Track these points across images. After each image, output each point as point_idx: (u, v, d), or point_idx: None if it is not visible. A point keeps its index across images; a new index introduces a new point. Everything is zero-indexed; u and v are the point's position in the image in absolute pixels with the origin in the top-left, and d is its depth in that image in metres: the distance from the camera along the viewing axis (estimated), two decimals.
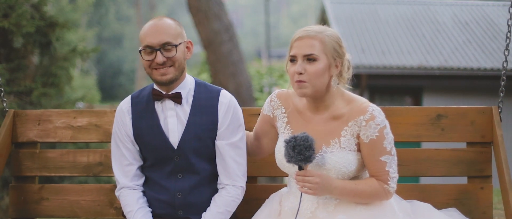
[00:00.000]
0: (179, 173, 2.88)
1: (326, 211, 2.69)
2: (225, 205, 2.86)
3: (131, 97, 2.98)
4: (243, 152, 2.92)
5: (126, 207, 2.90)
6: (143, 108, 2.91)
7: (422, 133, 3.18)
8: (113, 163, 2.96)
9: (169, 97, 2.87)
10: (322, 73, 2.65)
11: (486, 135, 3.15)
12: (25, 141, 3.34)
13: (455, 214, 3.01)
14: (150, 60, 2.81)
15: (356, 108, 2.68)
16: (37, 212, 3.33)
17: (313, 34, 2.66)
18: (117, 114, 2.97)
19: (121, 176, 2.93)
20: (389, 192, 2.69)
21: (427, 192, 3.16)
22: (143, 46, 2.82)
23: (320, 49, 2.65)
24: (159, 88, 2.89)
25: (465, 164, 3.16)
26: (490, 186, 3.16)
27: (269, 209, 2.88)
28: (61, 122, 3.33)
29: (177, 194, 2.87)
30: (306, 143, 2.55)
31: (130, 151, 2.93)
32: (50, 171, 3.33)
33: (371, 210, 2.68)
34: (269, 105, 2.91)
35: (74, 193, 3.32)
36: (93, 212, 3.29)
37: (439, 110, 3.19)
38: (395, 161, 2.70)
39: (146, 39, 2.82)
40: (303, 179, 2.59)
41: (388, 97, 14.29)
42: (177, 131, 2.86)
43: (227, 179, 2.89)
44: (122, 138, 2.92)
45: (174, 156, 2.87)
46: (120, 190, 2.94)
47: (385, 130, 2.66)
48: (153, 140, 2.87)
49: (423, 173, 3.18)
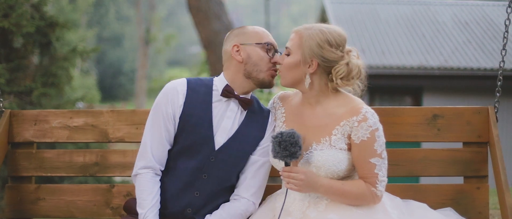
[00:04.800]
0: (205, 174, 2.83)
1: (317, 210, 2.69)
2: (232, 215, 2.83)
3: (187, 80, 2.89)
4: (268, 173, 2.93)
5: (143, 192, 2.78)
6: (198, 97, 2.84)
7: (418, 133, 3.18)
8: (147, 138, 2.84)
9: (239, 100, 2.85)
10: (291, 67, 2.74)
11: (483, 135, 3.15)
12: (21, 141, 3.34)
13: (451, 213, 3.00)
14: (271, 57, 2.86)
15: (350, 109, 2.69)
16: (33, 212, 3.33)
17: (299, 30, 2.76)
18: (169, 91, 2.85)
19: (152, 154, 2.82)
20: (376, 196, 2.67)
21: (423, 192, 3.16)
22: (265, 42, 2.86)
23: (296, 45, 2.73)
24: (234, 88, 2.86)
25: (461, 164, 3.16)
26: (486, 186, 3.16)
27: (264, 208, 2.90)
28: (57, 122, 3.33)
29: (195, 193, 2.83)
30: (292, 139, 2.56)
31: (168, 131, 2.83)
32: (47, 171, 3.33)
33: (362, 210, 2.67)
34: (272, 107, 2.96)
35: (71, 193, 3.31)
36: (90, 212, 3.29)
37: (435, 110, 3.19)
38: (385, 165, 2.69)
39: (267, 38, 2.88)
40: (289, 175, 2.61)
41: (388, 97, 14.27)
42: (226, 133, 2.83)
43: (246, 192, 2.87)
44: (167, 117, 2.82)
45: (210, 156, 2.82)
46: (144, 170, 2.82)
47: (377, 132, 2.65)
48: (198, 131, 2.80)
49: (419, 173, 3.18)
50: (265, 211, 2.87)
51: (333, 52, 2.69)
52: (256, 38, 2.86)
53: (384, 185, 2.69)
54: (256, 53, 2.84)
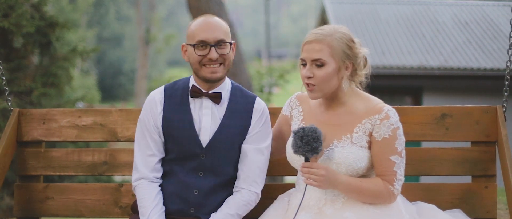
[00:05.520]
0: (201, 171, 2.86)
1: (334, 208, 2.70)
2: (236, 208, 2.84)
3: (164, 88, 2.94)
4: (266, 160, 2.92)
5: (142, 200, 2.84)
6: (176, 101, 2.88)
7: (426, 132, 3.18)
8: (137, 151, 2.91)
9: (208, 96, 2.86)
10: (330, 77, 2.68)
11: (491, 134, 3.16)
12: (30, 140, 3.35)
13: (460, 215, 3.00)
14: (202, 56, 2.80)
15: (372, 107, 2.72)
16: (42, 211, 3.33)
17: (321, 38, 2.67)
18: (148, 103, 2.92)
19: (142, 166, 2.88)
20: (393, 194, 2.69)
21: (431, 191, 3.17)
22: (196, 41, 2.80)
23: (328, 53, 2.67)
24: (200, 86, 2.87)
25: (469, 163, 3.16)
26: (494, 185, 3.16)
27: (276, 207, 2.89)
28: (66, 121, 3.34)
29: (194, 191, 2.85)
30: (314, 134, 2.57)
31: (155, 142, 2.88)
32: (55, 170, 3.34)
33: (378, 209, 2.69)
34: (288, 106, 2.96)
35: (79, 192, 3.32)
36: (98, 211, 3.29)
37: (444, 109, 3.19)
38: (403, 164, 2.71)
39: (200, 35, 2.80)
40: (309, 171, 2.61)
41: (388, 97, 14.25)
42: (209, 130, 2.85)
43: (244, 183, 2.88)
44: (150, 128, 2.88)
45: (200, 154, 2.85)
46: (139, 181, 2.88)
47: (398, 130, 2.69)
48: (182, 135, 2.84)
49: (427, 172, 3.19)
50: (277, 209, 2.87)
51: (357, 48, 2.73)
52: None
53: (401, 184, 2.70)
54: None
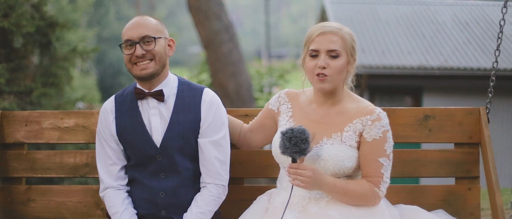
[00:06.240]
0: (162, 173, 2.87)
1: (318, 206, 2.69)
2: (206, 205, 2.84)
3: (115, 96, 2.97)
4: (225, 150, 2.90)
5: (111, 208, 2.89)
6: (126, 107, 2.90)
7: (409, 133, 3.17)
8: (98, 163, 2.96)
9: (151, 96, 2.86)
10: (342, 69, 2.73)
11: (474, 136, 3.14)
12: (12, 142, 3.33)
13: (443, 215, 3.00)
14: (130, 54, 2.80)
15: (363, 108, 2.74)
16: (23, 213, 3.32)
17: (335, 31, 2.73)
18: (101, 113, 2.96)
19: (106, 176, 2.92)
20: (378, 196, 2.69)
21: (415, 193, 3.15)
22: (123, 41, 2.82)
23: (341, 45, 2.72)
24: (142, 87, 2.88)
25: (453, 165, 3.15)
26: (478, 187, 3.14)
27: (256, 207, 2.88)
28: (48, 123, 3.33)
29: (160, 194, 2.86)
30: (303, 135, 2.55)
31: (114, 150, 2.92)
32: (37, 172, 3.32)
33: (362, 209, 2.69)
34: (276, 101, 2.94)
35: (61, 194, 3.31)
36: (80, 213, 3.28)
37: (427, 110, 3.18)
38: (390, 167, 2.73)
39: (126, 34, 2.82)
40: (296, 172, 2.60)
41: (388, 97, 14.26)
42: (160, 129, 2.85)
43: (209, 177, 2.87)
44: (106, 137, 2.92)
45: (157, 155, 2.85)
46: (105, 191, 2.93)
47: (388, 133, 2.71)
48: (137, 138, 2.86)
49: (410, 174, 3.17)
50: (256, 209, 2.86)
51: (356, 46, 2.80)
52: (123, 39, 2.85)
53: (386, 187, 2.71)
54: (124, 54, 2.84)
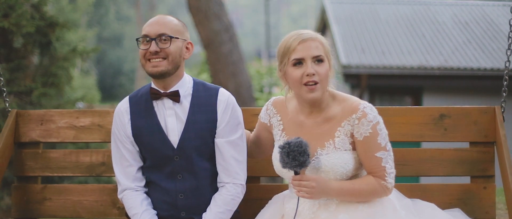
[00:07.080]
0: (179, 174, 2.86)
1: (328, 211, 2.69)
2: (225, 204, 2.84)
3: (129, 97, 2.95)
4: (242, 149, 2.90)
5: (131, 209, 2.87)
6: (141, 108, 2.88)
7: (425, 132, 3.18)
8: (114, 165, 2.94)
9: (167, 96, 2.84)
10: (328, 73, 2.69)
11: (489, 135, 3.15)
12: (27, 141, 3.34)
13: (459, 214, 3.00)
14: (145, 50, 2.80)
15: (348, 108, 2.69)
16: (39, 212, 3.33)
17: (314, 37, 2.69)
18: (116, 114, 2.94)
19: (123, 178, 2.91)
20: (387, 188, 2.69)
21: (430, 191, 3.16)
22: (141, 36, 2.81)
23: (323, 50, 2.69)
24: (157, 87, 2.87)
25: (468, 164, 3.16)
26: (493, 185, 3.16)
27: (273, 209, 2.88)
28: (64, 122, 3.33)
29: (179, 196, 2.86)
30: (300, 148, 2.54)
31: (130, 151, 2.90)
32: (53, 171, 3.33)
33: (372, 208, 2.68)
34: (266, 114, 2.92)
35: (77, 193, 3.31)
36: (96, 212, 3.29)
37: (442, 109, 3.19)
38: (391, 156, 2.70)
39: (145, 29, 2.82)
40: (300, 184, 2.60)
41: (388, 97, 14.27)
42: (176, 130, 2.84)
43: (227, 177, 2.87)
44: (122, 139, 2.90)
45: (174, 156, 2.84)
46: (123, 192, 2.92)
47: (378, 126, 2.66)
48: (153, 139, 2.85)
49: (425, 173, 3.18)
50: (272, 211, 2.86)
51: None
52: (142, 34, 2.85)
53: (393, 176, 2.70)
54: (139, 49, 2.84)
